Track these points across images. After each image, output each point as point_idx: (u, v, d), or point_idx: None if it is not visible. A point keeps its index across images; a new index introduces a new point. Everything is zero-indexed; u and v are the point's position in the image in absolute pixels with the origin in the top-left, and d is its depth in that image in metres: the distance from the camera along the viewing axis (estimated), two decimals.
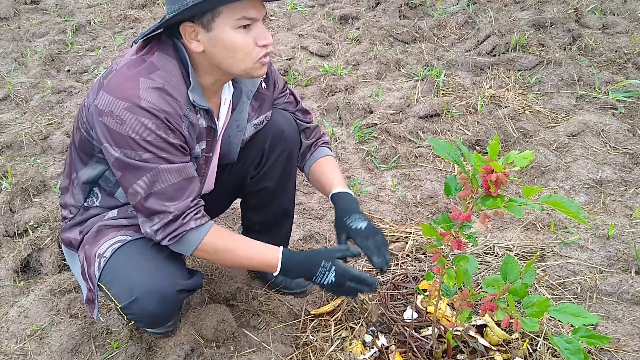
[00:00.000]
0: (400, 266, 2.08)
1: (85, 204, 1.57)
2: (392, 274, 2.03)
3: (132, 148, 1.31)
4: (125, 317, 1.47)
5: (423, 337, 1.71)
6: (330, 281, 1.50)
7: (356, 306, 1.87)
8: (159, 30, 1.39)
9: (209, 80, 1.45)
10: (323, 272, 1.50)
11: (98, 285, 1.47)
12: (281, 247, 1.53)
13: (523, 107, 3.06)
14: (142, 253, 1.45)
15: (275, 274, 1.51)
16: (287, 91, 1.79)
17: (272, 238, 1.96)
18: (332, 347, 1.73)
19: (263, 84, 1.67)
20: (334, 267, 1.50)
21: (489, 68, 3.44)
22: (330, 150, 1.87)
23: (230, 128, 1.63)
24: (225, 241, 1.47)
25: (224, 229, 1.50)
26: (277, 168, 1.79)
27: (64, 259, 2.15)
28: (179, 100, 1.37)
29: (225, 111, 1.58)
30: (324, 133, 1.88)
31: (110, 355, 1.79)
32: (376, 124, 2.97)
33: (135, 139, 1.30)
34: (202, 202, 1.46)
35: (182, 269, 1.52)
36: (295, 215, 2.39)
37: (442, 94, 3.25)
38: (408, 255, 2.13)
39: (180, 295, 1.49)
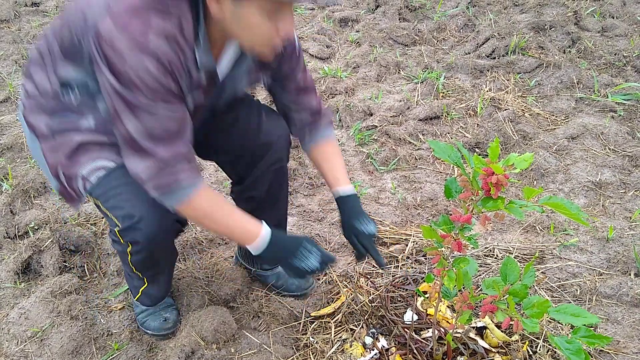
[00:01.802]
0: (401, 268, 2.08)
1: (62, 100, 1.46)
2: (392, 276, 2.03)
3: (129, 87, 1.25)
4: (122, 240, 1.49)
5: (423, 339, 1.72)
6: (311, 265, 1.48)
7: (356, 308, 1.87)
8: None
9: (217, 36, 1.39)
10: (304, 254, 1.48)
11: (92, 199, 1.50)
12: (263, 221, 1.51)
13: (523, 110, 3.07)
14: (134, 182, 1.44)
15: (252, 245, 1.48)
16: (299, 62, 1.66)
17: None
18: (333, 349, 1.74)
19: None
20: (316, 250, 1.50)
21: (488, 71, 3.45)
22: (333, 129, 1.80)
23: (228, 78, 1.55)
24: (214, 201, 1.44)
25: (214, 191, 1.46)
26: (265, 179, 1.76)
27: (65, 261, 2.15)
28: (184, 50, 1.30)
29: (227, 60, 1.50)
30: (327, 108, 1.79)
31: (110, 357, 1.79)
32: (376, 127, 2.98)
33: (133, 80, 1.24)
34: (195, 155, 1.42)
35: None
36: (295, 217, 2.41)
37: (442, 96, 3.26)
38: (408, 258, 2.13)
39: (175, 226, 1.52)
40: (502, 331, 1.71)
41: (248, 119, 1.71)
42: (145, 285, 1.79)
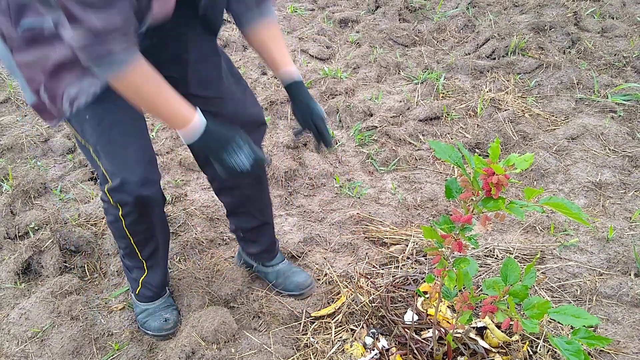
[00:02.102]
0: (401, 268, 2.08)
1: None
2: (393, 276, 2.03)
3: None
4: (112, 200, 1.52)
5: (423, 339, 1.72)
6: (240, 163, 1.42)
7: (357, 308, 1.87)
8: None
9: None
10: (235, 149, 1.42)
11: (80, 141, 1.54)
12: (198, 109, 1.44)
13: (523, 110, 3.07)
14: (119, 134, 1.47)
15: (184, 130, 1.41)
16: None
17: (258, 246, 1.99)
18: (333, 349, 1.74)
19: None
20: (247, 146, 1.43)
21: (488, 71, 3.45)
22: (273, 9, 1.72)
23: None
24: (150, 79, 1.36)
25: (152, 68, 1.37)
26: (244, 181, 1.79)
27: (65, 261, 2.16)
28: None
29: None
30: None
31: (111, 357, 1.80)
32: (376, 127, 2.98)
33: None
34: (135, 27, 1.31)
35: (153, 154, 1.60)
36: (295, 217, 2.41)
37: (442, 97, 3.26)
38: (408, 258, 2.13)
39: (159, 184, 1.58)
40: (502, 331, 1.72)
41: (234, 93, 1.71)
42: (145, 273, 1.80)
